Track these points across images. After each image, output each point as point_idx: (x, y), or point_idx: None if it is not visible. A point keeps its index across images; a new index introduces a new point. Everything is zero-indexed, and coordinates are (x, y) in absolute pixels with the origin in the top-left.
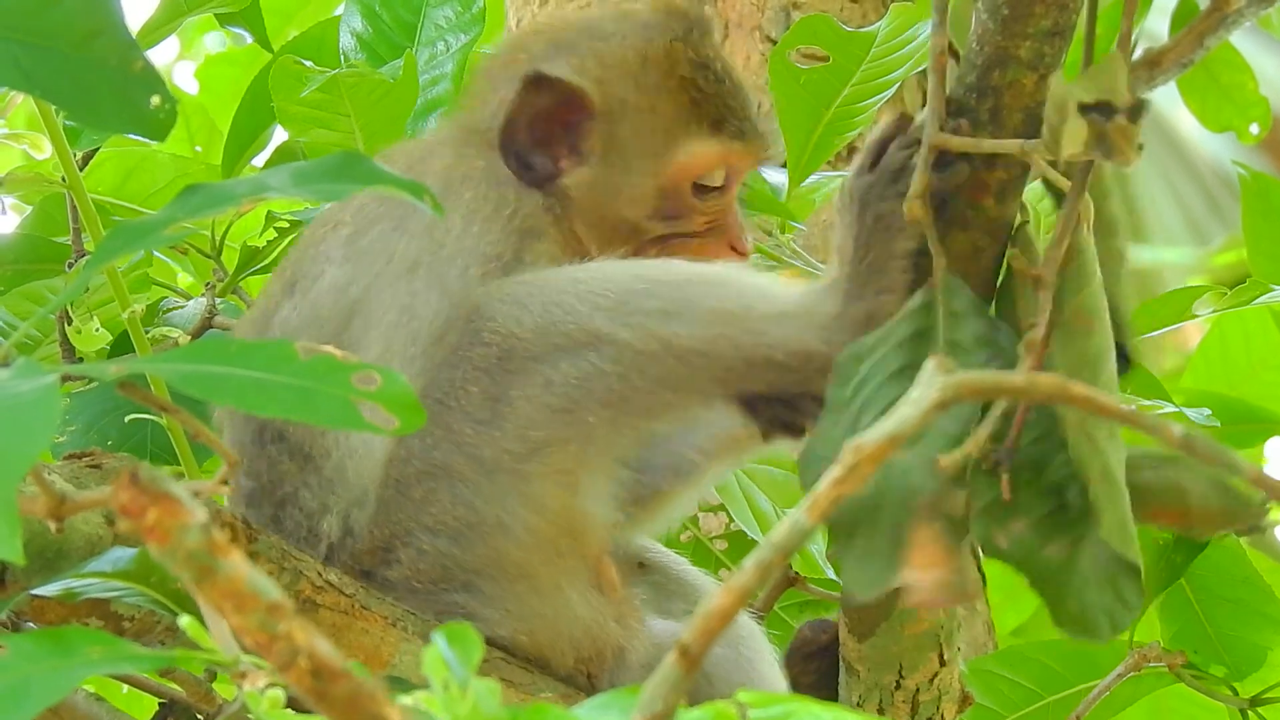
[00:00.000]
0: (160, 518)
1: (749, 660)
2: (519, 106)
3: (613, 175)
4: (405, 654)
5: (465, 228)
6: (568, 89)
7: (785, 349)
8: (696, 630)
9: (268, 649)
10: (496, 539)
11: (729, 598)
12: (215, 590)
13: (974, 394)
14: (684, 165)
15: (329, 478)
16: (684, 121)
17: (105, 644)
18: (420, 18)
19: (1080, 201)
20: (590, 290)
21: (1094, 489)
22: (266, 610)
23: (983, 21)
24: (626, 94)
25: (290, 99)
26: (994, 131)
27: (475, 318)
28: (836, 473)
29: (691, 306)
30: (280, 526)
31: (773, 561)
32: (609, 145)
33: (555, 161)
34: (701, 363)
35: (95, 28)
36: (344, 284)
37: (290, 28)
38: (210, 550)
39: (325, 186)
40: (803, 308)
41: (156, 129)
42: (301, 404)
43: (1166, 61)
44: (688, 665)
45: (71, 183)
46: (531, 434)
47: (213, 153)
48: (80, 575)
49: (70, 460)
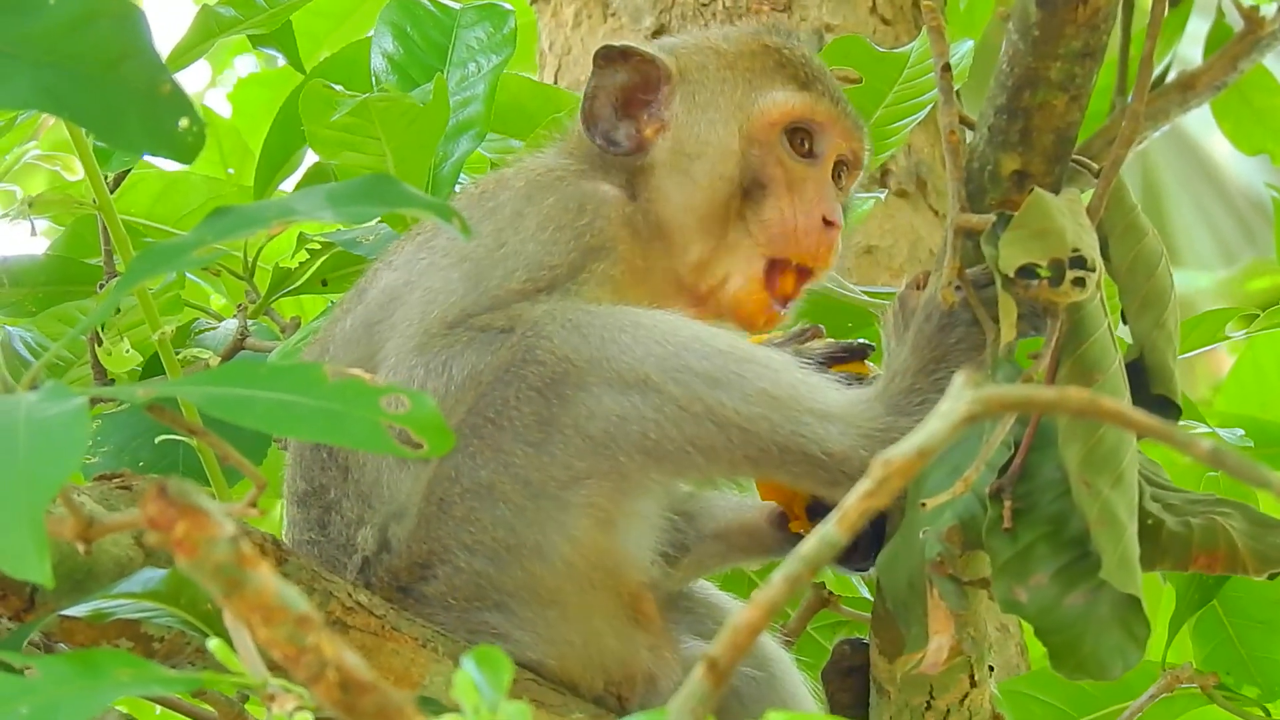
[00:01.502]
0: (189, 530)
1: (779, 680)
2: (595, 82)
3: (698, 133)
4: (436, 675)
5: (536, 232)
6: (639, 58)
7: (821, 446)
8: (724, 644)
9: (296, 662)
10: (532, 563)
11: (756, 611)
12: (244, 603)
13: (1003, 408)
14: (767, 110)
15: (365, 491)
16: (769, 75)
17: (134, 666)
18: (452, 39)
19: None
20: (650, 336)
21: (1094, 532)
22: (295, 622)
23: (1013, 42)
24: (706, 61)
25: (321, 123)
26: (1024, 153)
27: (531, 334)
28: (866, 486)
29: (742, 381)
30: (325, 531)
31: (801, 575)
32: (691, 106)
33: (640, 131)
34: (738, 436)
35: (124, 50)
36: (397, 283)
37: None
38: (239, 563)
39: (355, 209)
40: (847, 411)
41: (185, 151)
42: (330, 427)
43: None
44: (715, 679)
45: (102, 204)
46: (576, 463)
47: (245, 174)
48: (110, 596)
49: (100, 482)
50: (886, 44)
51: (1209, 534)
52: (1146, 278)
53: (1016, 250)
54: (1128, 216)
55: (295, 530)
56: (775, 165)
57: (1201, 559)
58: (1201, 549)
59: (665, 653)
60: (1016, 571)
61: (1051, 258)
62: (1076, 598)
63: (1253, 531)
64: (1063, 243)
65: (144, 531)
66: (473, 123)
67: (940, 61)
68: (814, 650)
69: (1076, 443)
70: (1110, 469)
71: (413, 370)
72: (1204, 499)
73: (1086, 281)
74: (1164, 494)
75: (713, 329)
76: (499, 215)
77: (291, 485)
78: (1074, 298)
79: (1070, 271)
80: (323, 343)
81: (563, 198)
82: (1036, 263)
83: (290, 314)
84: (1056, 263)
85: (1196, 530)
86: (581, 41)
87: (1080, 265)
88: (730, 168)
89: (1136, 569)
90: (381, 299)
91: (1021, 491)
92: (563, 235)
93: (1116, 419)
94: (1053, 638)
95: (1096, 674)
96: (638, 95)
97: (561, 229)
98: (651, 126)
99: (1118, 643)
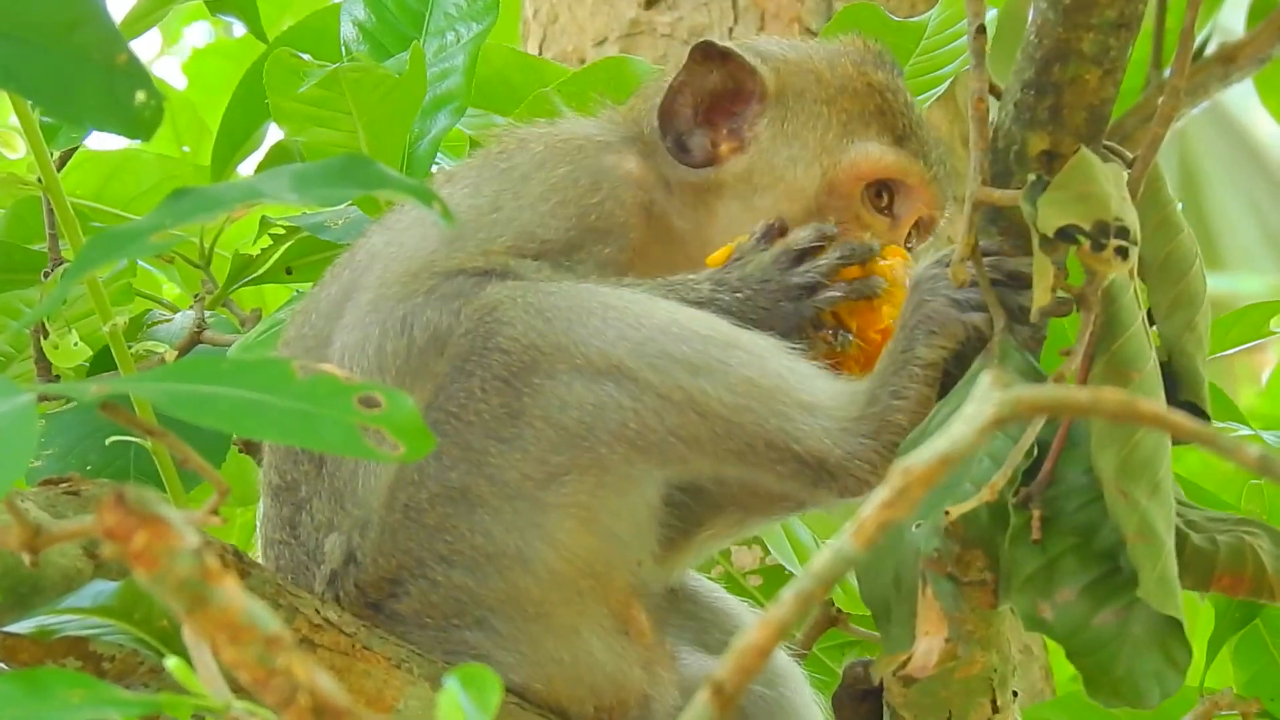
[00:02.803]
0: (149, 542)
1: (790, 701)
2: (685, 78)
3: (776, 165)
4: (412, 699)
5: (537, 202)
6: (739, 65)
7: (805, 444)
8: (731, 668)
9: (265, 685)
10: (515, 573)
11: (766, 632)
12: (208, 620)
13: (1033, 411)
14: (858, 163)
15: (338, 490)
16: (866, 122)
17: (86, 686)
18: (428, 6)
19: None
20: (621, 319)
21: (1131, 546)
22: (264, 642)
23: (1042, 11)
24: (806, 86)
25: (286, 95)
26: (1054, 131)
27: (491, 319)
28: (884, 495)
29: (725, 369)
30: (295, 532)
31: (814, 592)
32: (777, 133)
33: (714, 145)
34: (723, 428)
35: (76, 18)
36: (379, 244)
37: (286, 16)
38: (203, 577)
39: (326, 191)
40: (831, 403)
41: (142, 126)
42: (301, 428)
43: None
44: (721, 704)
45: (48, 184)
46: (553, 458)
47: (202, 153)
48: (57, 611)
49: (46, 487)
50: (901, 12)
51: (1236, 553)
52: (1179, 278)
53: (1057, 211)
54: (1162, 210)
55: (268, 526)
56: (852, 219)
57: (1225, 579)
58: (1226, 569)
59: (660, 670)
60: (1042, 586)
61: (1096, 220)
62: (1107, 616)
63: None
64: (1106, 207)
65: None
66: (452, 96)
67: (975, 22)
68: (822, 672)
69: (1112, 447)
70: (1148, 477)
71: (368, 330)
72: (1225, 518)
73: (1129, 253)
74: (1184, 510)
75: (690, 310)
76: (506, 177)
77: (267, 474)
78: (1116, 269)
79: (1114, 240)
80: (306, 312)
81: (576, 170)
82: (1079, 224)
83: (251, 305)
84: (1101, 225)
85: (1223, 548)
86: (569, 10)
87: (1124, 235)
88: (798, 210)
89: (1177, 588)
90: (365, 261)
91: (1046, 498)
92: (565, 210)
93: (1156, 422)
94: (1084, 659)
95: (1132, 701)
96: (724, 104)
97: (566, 203)
98: (730, 144)
99: (1155, 667)
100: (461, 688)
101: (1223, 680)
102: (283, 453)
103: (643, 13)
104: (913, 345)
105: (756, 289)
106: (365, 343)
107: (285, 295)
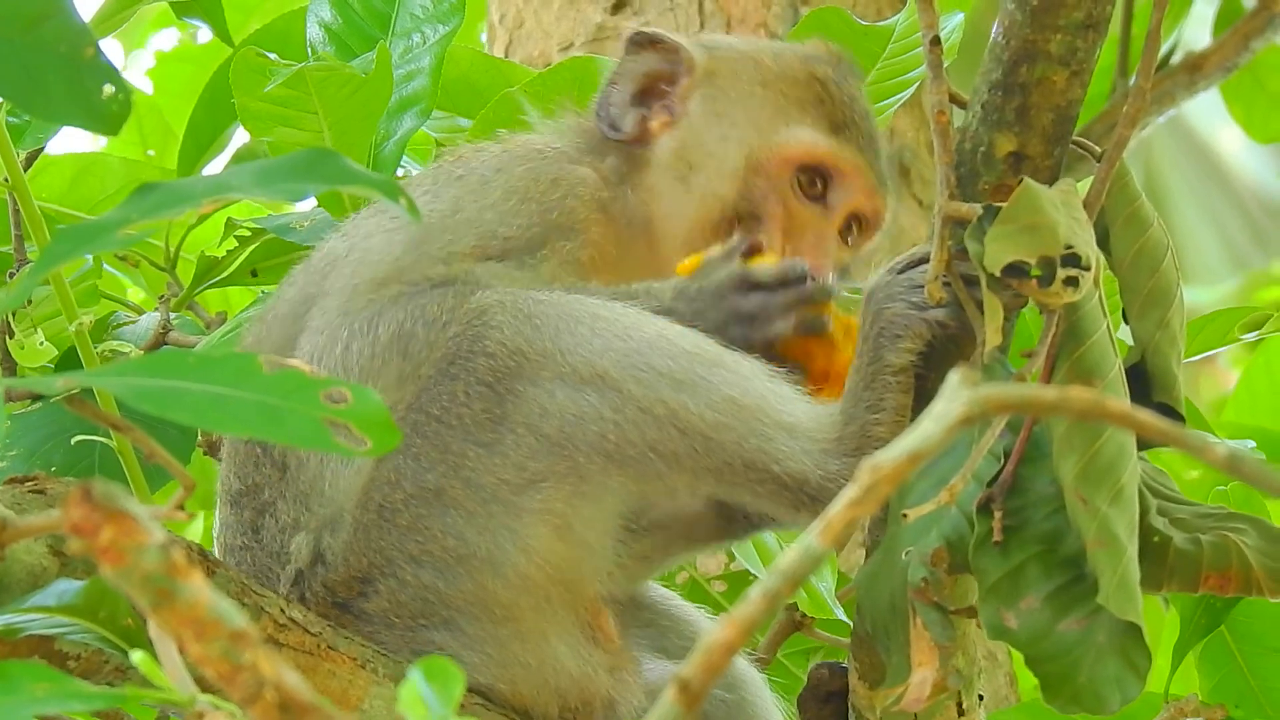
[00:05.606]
0: (115, 537)
1: (750, 704)
2: (619, 69)
3: (707, 141)
4: (376, 698)
5: (498, 202)
6: (667, 46)
7: (785, 465)
8: (697, 665)
9: (231, 681)
10: (484, 576)
11: (733, 629)
12: (174, 616)
13: (1002, 409)
14: (787, 143)
15: (304, 491)
16: (803, 108)
17: (51, 680)
18: (394, 7)
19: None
20: (609, 329)
21: (1092, 552)
22: (230, 638)
23: (1009, 12)
24: (742, 69)
25: (253, 95)
26: (1021, 133)
27: (479, 323)
28: (852, 494)
29: (708, 386)
30: (258, 536)
31: (781, 591)
32: (709, 111)
33: (645, 121)
34: (702, 445)
35: (43, 11)
36: (339, 250)
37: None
38: (170, 572)
39: (292, 185)
40: (812, 425)
41: (109, 121)
42: (267, 422)
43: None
44: (688, 702)
45: (15, 183)
46: (531, 464)
47: (167, 156)
48: (21, 610)
49: (11, 485)
50: (869, 17)
51: (1220, 552)
52: (1150, 273)
53: (1004, 246)
54: (1131, 205)
55: (227, 533)
56: (776, 202)
57: (1212, 579)
58: (1212, 568)
59: (626, 675)
60: (1006, 594)
61: (1042, 255)
62: (1070, 624)
63: (1268, 549)
64: (1055, 239)
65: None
66: (418, 98)
67: (929, 34)
68: (785, 678)
69: (1073, 454)
70: (1109, 484)
71: (336, 333)
72: (1216, 512)
73: (1080, 281)
74: (1172, 507)
75: (678, 328)
76: (464, 183)
77: (225, 483)
78: (1066, 299)
79: (1062, 270)
80: (263, 318)
81: (535, 170)
82: (1026, 260)
83: (216, 308)
84: (1047, 260)
85: (1207, 548)
86: (535, 15)
87: (1074, 263)
88: (728, 190)
89: (1137, 593)
90: (323, 267)
91: (1012, 507)
92: (527, 207)
93: (1124, 421)
94: (1045, 667)
95: (1092, 707)
96: (659, 85)
97: (527, 200)
98: (660, 119)
99: (1115, 673)
100: (424, 679)
101: (1188, 687)
102: (242, 458)
103: (608, 18)
104: (880, 354)
105: (709, 304)
106: (333, 345)
107: (250, 298)
